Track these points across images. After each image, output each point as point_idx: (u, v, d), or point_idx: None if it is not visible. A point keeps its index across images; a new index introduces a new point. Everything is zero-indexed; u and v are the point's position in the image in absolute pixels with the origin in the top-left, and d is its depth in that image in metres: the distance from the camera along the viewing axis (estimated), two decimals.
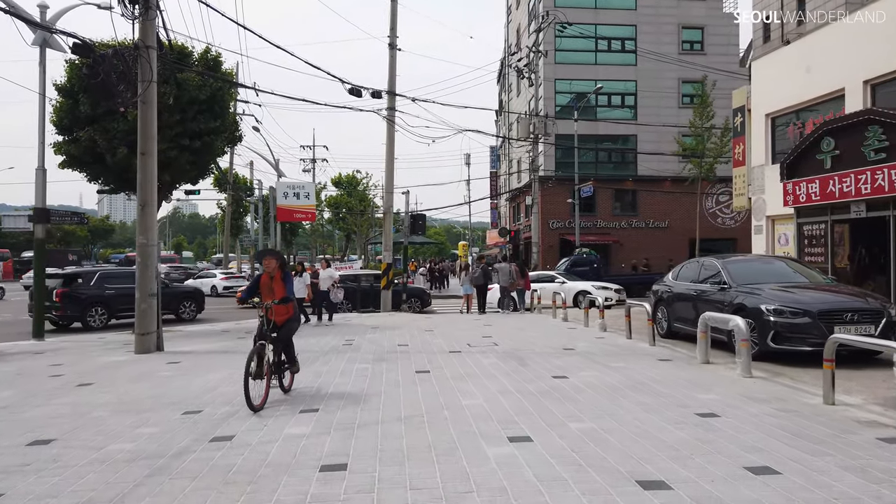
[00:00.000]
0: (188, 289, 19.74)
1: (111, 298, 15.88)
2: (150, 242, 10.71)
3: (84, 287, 16.03)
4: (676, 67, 33.75)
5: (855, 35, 14.49)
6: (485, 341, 10.82)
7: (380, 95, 18.67)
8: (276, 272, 6.57)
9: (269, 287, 6.57)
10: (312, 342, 11.32)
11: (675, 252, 33.17)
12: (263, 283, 6.62)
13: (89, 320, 15.75)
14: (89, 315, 15.77)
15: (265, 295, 6.58)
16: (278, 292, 6.51)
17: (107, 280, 16.28)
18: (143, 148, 10.67)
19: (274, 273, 6.56)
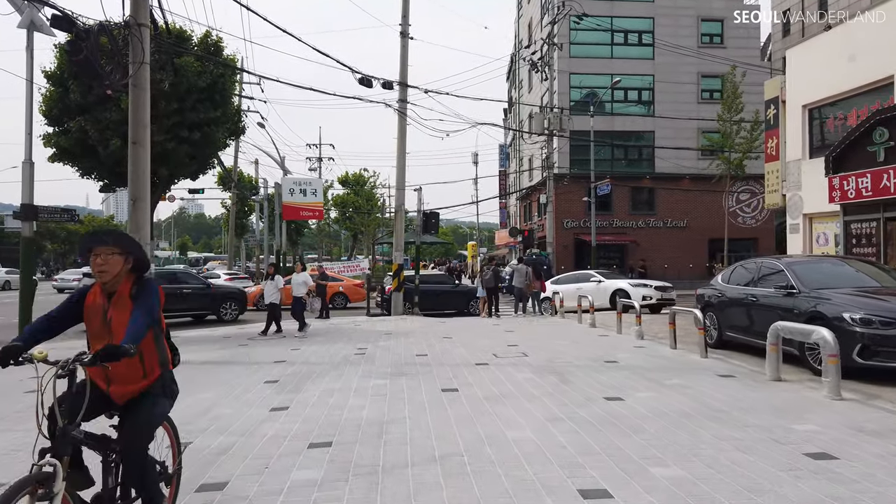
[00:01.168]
0: (230, 290, 19.11)
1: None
2: (142, 241, 9.68)
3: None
4: (695, 61, 32.61)
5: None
6: (511, 351, 9.75)
7: (391, 86, 17.65)
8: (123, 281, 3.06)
9: (103, 317, 3.06)
10: (322, 351, 10.28)
11: (693, 253, 32.07)
12: (90, 308, 3.10)
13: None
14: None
15: (95, 335, 3.11)
16: (118, 328, 2.97)
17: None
18: (135, 137, 9.66)
19: (115, 282, 3.04)
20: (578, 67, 32.34)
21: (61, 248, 73.93)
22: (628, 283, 17.64)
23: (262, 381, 7.66)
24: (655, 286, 17.78)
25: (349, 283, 24.57)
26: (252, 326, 15.64)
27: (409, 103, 18.66)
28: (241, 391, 7.11)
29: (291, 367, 8.75)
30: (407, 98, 18.60)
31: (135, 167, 9.69)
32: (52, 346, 3.09)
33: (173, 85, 12.30)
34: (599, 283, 17.72)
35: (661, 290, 17.56)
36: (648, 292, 17.35)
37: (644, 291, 17.36)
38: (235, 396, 6.82)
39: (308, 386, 7.28)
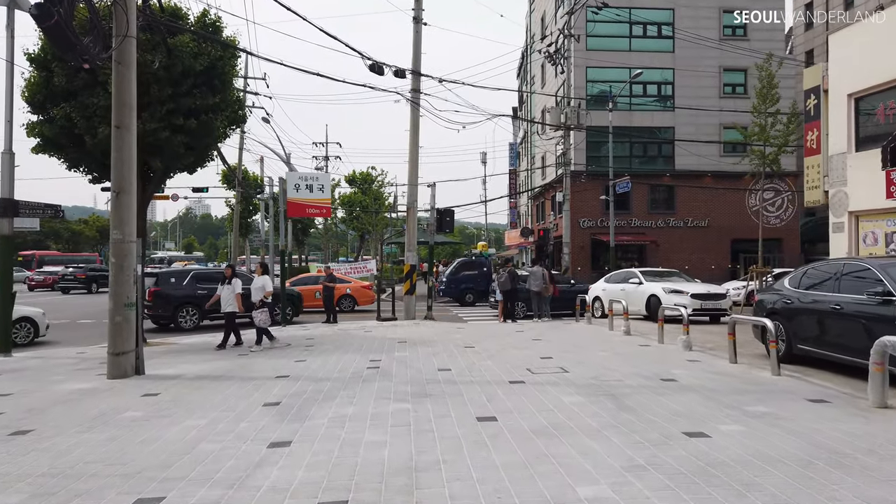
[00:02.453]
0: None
1: (203, 299, 15.18)
2: (126, 238, 8.54)
3: (176, 287, 15.83)
4: (717, 54, 31.32)
5: None
6: (547, 365, 8.53)
7: (403, 74, 16.47)
8: None
9: None
10: (330, 363, 9.09)
11: (715, 254, 30.77)
12: None
13: (180, 321, 15.63)
14: (180, 315, 15.66)
15: None
16: None
17: (200, 280, 16.08)
18: (119, 120, 8.50)
19: None
20: (595, 60, 31.09)
21: (65, 249, 73.09)
22: (662, 289, 15.36)
23: (261, 404, 6.48)
24: (693, 293, 15.14)
25: (357, 284, 23.44)
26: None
27: (422, 93, 17.49)
28: (235, 417, 5.94)
29: (295, 384, 7.57)
30: (420, 88, 17.44)
31: (119, 154, 8.53)
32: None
33: (166, 68, 11.15)
34: (639, 284, 15.74)
35: (700, 297, 15.06)
36: (682, 300, 14.87)
37: (676, 299, 15.06)
38: (228, 425, 5.65)
39: (314, 411, 6.10)
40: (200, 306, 15.41)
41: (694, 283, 15.90)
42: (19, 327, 13.12)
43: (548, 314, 16.86)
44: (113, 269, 8.53)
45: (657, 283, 15.51)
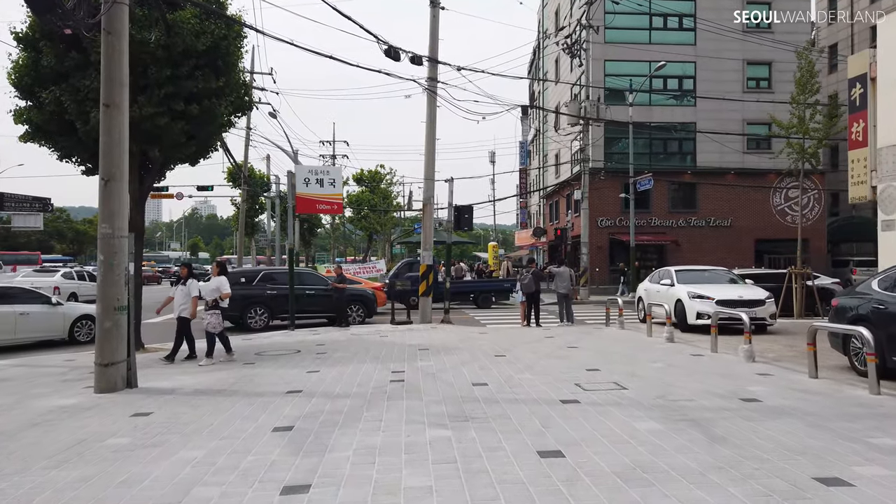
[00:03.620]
0: (356, 292, 17.53)
1: (272, 299, 15.45)
2: (117, 232, 7.49)
3: (245, 287, 15.61)
4: (740, 47, 30.11)
5: None
6: (596, 379, 7.44)
7: (420, 61, 15.41)
8: None
9: None
10: (347, 375, 8.01)
11: (739, 254, 29.56)
12: None
13: (249, 321, 15.44)
14: (249, 315, 15.46)
15: None
16: None
17: (269, 280, 15.95)
18: (108, 98, 7.47)
19: None
20: (614, 54, 29.92)
21: (70, 249, 72.37)
22: (687, 293, 13.44)
23: (270, 429, 5.42)
24: (719, 299, 12.83)
25: (367, 286, 22.34)
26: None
27: (439, 82, 16.43)
28: (240, 448, 4.87)
29: (309, 401, 6.50)
30: (437, 76, 16.38)
31: (108, 136, 7.49)
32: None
33: (165, 47, 10.12)
34: (670, 286, 14.03)
35: (728, 305, 12.52)
36: (705, 307, 12.84)
37: (699, 306, 13.03)
38: (230, 459, 4.58)
39: (335, 439, 5.03)
40: (269, 306, 15.55)
41: (733, 286, 13.98)
42: (81, 325, 13.46)
43: (573, 318, 15.78)
44: (101, 268, 7.48)
45: (685, 286, 13.69)
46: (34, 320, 12.63)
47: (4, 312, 12.19)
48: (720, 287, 13.53)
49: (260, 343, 12.26)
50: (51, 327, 12.96)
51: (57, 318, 13.03)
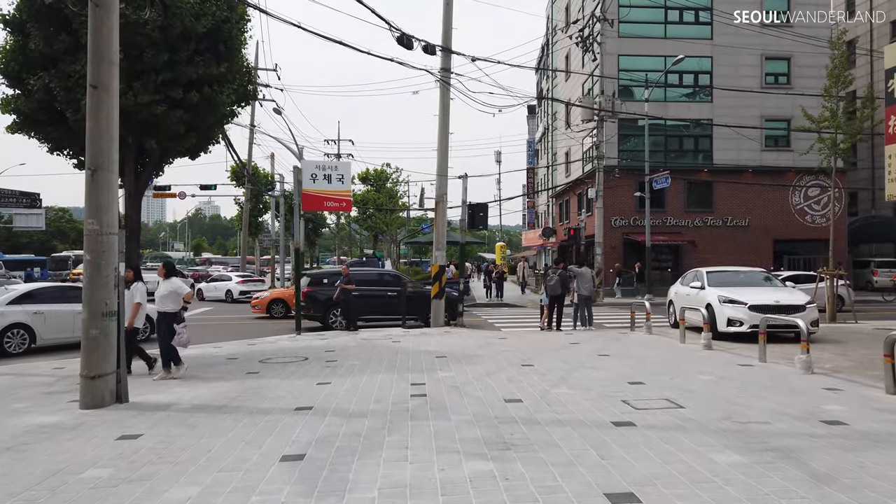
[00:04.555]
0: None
1: (356, 301, 15.06)
2: (105, 229, 6.69)
3: (328, 288, 15.58)
4: (758, 41, 29.20)
5: None
6: (644, 394, 6.60)
7: (433, 51, 14.59)
8: None
9: None
10: (362, 388, 7.19)
11: (757, 255, 28.59)
12: None
13: (330, 321, 15.42)
14: (330, 317, 15.44)
15: None
16: None
17: (353, 282, 15.31)
18: (96, 78, 6.67)
19: None
20: (628, 48, 29.04)
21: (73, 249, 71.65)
22: (717, 297, 12.08)
23: (278, 458, 4.60)
24: (753, 304, 11.42)
25: None
26: (228, 345, 12.72)
27: (452, 73, 15.61)
28: (242, 484, 4.06)
29: (321, 421, 5.69)
30: (451, 67, 15.56)
31: (95, 122, 6.69)
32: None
33: (162, 29, 9.33)
34: (700, 289, 12.80)
35: (762, 310, 10.96)
36: (736, 313, 11.55)
37: (730, 312, 11.68)
38: (230, 499, 3.76)
39: (356, 473, 4.21)
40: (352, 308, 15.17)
41: (770, 289, 12.70)
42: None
43: (593, 321, 14.94)
44: (87, 269, 6.68)
45: (716, 289, 12.40)
46: None
47: (65, 311, 12.35)
48: (755, 290, 12.31)
49: (264, 349, 11.45)
50: None
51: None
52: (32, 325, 11.96)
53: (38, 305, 12.17)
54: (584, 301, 14.90)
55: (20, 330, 11.87)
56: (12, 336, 11.80)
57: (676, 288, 13.93)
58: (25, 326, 11.90)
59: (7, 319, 11.68)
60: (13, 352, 11.67)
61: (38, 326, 12.03)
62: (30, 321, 11.94)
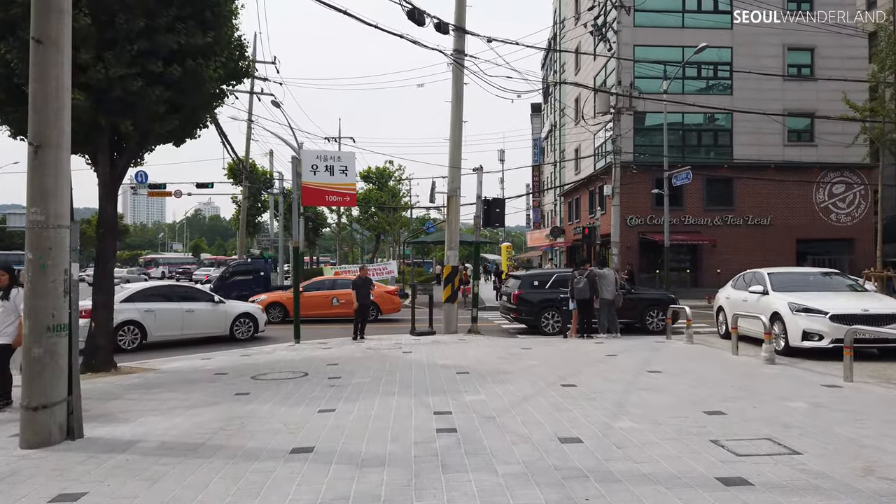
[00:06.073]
0: (656, 296, 15.47)
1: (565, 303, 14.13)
2: (52, 220, 5.32)
3: (540, 290, 14.89)
4: (780, 31, 27.86)
5: None
6: (734, 431, 5.23)
7: (446, 30, 13.23)
8: None
9: None
10: (374, 416, 5.80)
11: (780, 255, 27.21)
12: None
13: (543, 324, 14.63)
14: (543, 319, 14.67)
15: None
16: None
17: (563, 284, 14.69)
18: (40, 30, 5.30)
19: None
20: (644, 38, 27.71)
21: None
22: (788, 305, 10.05)
23: None
24: (834, 313, 9.43)
25: (380, 289, 20.14)
26: (213, 357, 11.37)
27: (467, 56, 14.25)
28: None
29: (325, 473, 4.31)
30: (464, 48, 14.20)
31: (41, 84, 5.33)
32: None
33: None
34: (762, 295, 10.92)
35: (846, 321, 9.06)
36: (815, 324, 9.55)
37: (806, 323, 9.66)
38: None
39: None
40: (561, 310, 14.55)
41: (852, 295, 10.68)
42: (241, 323, 13.90)
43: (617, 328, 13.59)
44: (29, 270, 5.30)
45: (785, 294, 10.45)
46: (199, 317, 13.29)
47: (173, 309, 12.94)
48: (833, 296, 10.33)
49: (258, 361, 10.08)
50: (214, 324, 13.57)
51: (219, 316, 13.64)
52: (144, 323, 12.46)
53: (149, 303, 12.70)
54: (608, 305, 13.55)
55: (133, 327, 12.35)
56: (125, 332, 12.24)
57: (728, 292, 12.37)
58: (137, 324, 12.40)
59: (121, 316, 11.98)
60: (126, 348, 12.09)
61: (148, 324, 12.53)
62: (141, 318, 12.46)
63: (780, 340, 9.95)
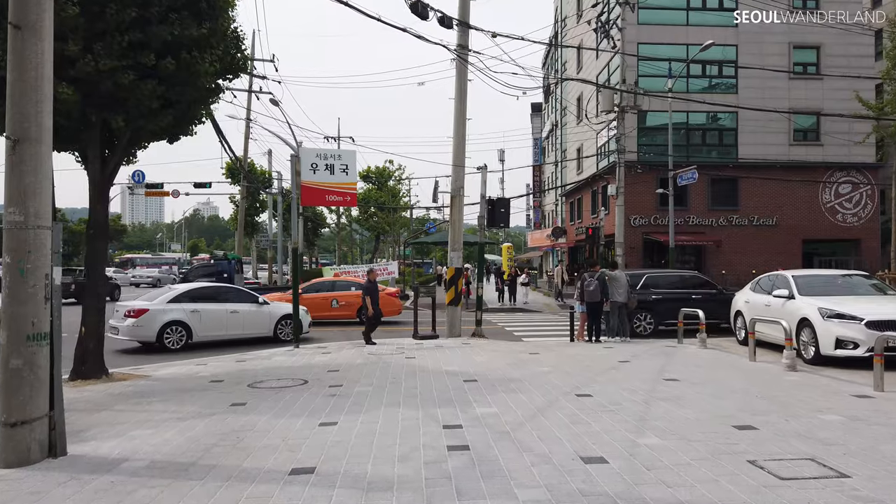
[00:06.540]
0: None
1: (657, 304, 14.27)
2: (32, 222, 4.92)
3: (631, 291, 13.90)
4: (785, 29, 27.49)
5: None
6: (769, 449, 4.84)
7: (449, 24, 12.87)
8: None
9: None
10: (378, 432, 5.40)
11: (786, 256, 26.81)
12: None
13: (636, 325, 14.29)
14: (636, 319, 14.37)
15: None
16: None
17: (653, 285, 14.81)
18: (19, 15, 4.90)
19: None
20: (648, 36, 27.29)
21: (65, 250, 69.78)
22: (818, 310, 9.36)
23: None
24: (870, 320, 8.76)
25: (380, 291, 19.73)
26: (214, 362, 10.96)
27: (470, 51, 13.86)
28: None
29: (327, 497, 3.91)
30: (468, 43, 13.81)
31: (18, 74, 4.93)
32: None
33: None
34: (788, 299, 10.20)
35: (885, 327, 8.47)
36: (849, 331, 8.86)
37: (840, 329, 8.96)
38: None
39: None
40: (655, 311, 14.37)
41: (886, 299, 10.01)
42: (284, 324, 13.86)
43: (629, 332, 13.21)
44: (7, 275, 4.90)
45: (813, 299, 9.73)
46: (243, 318, 13.40)
47: (218, 310, 13.11)
48: (866, 301, 9.65)
49: (256, 367, 9.68)
50: (258, 325, 13.65)
51: (263, 317, 13.72)
52: (189, 323, 12.63)
53: (194, 304, 12.87)
54: (620, 308, 13.17)
55: (178, 327, 12.53)
56: (171, 332, 12.46)
57: (747, 295, 11.88)
58: (183, 324, 12.56)
59: (168, 316, 12.45)
60: (172, 347, 12.31)
61: (194, 324, 12.69)
62: (187, 319, 12.64)
63: (809, 348, 9.44)
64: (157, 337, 12.33)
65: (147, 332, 12.33)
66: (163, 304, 12.63)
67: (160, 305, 12.57)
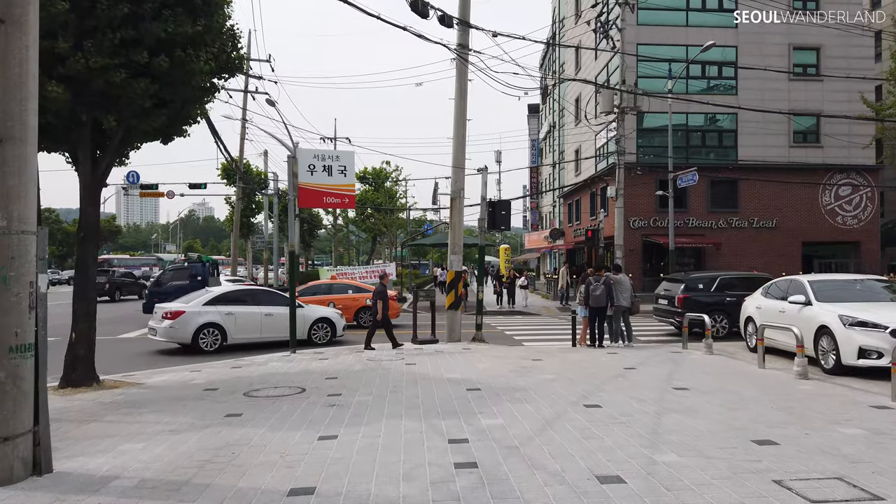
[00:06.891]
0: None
1: (731, 306, 13.99)
2: (15, 227, 4.65)
3: (704, 294, 14.60)
4: (785, 30, 27.40)
5: None
6: (788, 464, 4.61)
7: (450, 23, 12.65)
8: None
9: None
10: (381, 447, 5.14)
11: (786, 258, 26.73)
12: None
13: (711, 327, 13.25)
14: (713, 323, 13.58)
15: None
16: None
17: (728, 287, 14.73)
18: (2, 10, 4.63)
19: None
20: (647, 37, 27.12)
21: (59, 251, 69.36)
22: (839, 318, 9.02)
23: None
24: (895, 328, 8.46)
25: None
26: (209, 369, 10.70)
27: (471, 51, 13.63)
28: None
29: None
30: (468, 43, 13.58)
31: (3, 70, 4.65)
32: None
33: None
34: (804, 305, 9.91)
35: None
36: (873, 341, 8.54)
37: (863, 338, 8.65)
38: None
39: None
40: (730, 314, 14.01)
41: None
42: (318, 327, 14.00)
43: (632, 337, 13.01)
44: None
45: (833, 305, 9.40)
46: (277, 321, 13.34)
47: (252, 313, 13.28)
48: (889, 309, 9.22)
49: (251, 374, 9.42)
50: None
51: (297, 320, 13.19)
52: (224, 325, 12.79)
53: (229, 307, 13.05)
54: (624, 313, 12.97)
55: (213, 329, 12.69)
56: (206, 335, 12.63)
57: (758, 301, 11.58)
58: (218, 326, 12.73)
59: (203, 319, 12.63)
60: (207, 349, 12.47)
61: (229, 326, 12.84)
62: (222, 321, 12.79)
63: (828, 357, 9.16)
64: (193, 339, 12.51)
65: (183, 334, 12.52)
66: (198, 306, 12.82)
67: (196, 308, 12.77)
